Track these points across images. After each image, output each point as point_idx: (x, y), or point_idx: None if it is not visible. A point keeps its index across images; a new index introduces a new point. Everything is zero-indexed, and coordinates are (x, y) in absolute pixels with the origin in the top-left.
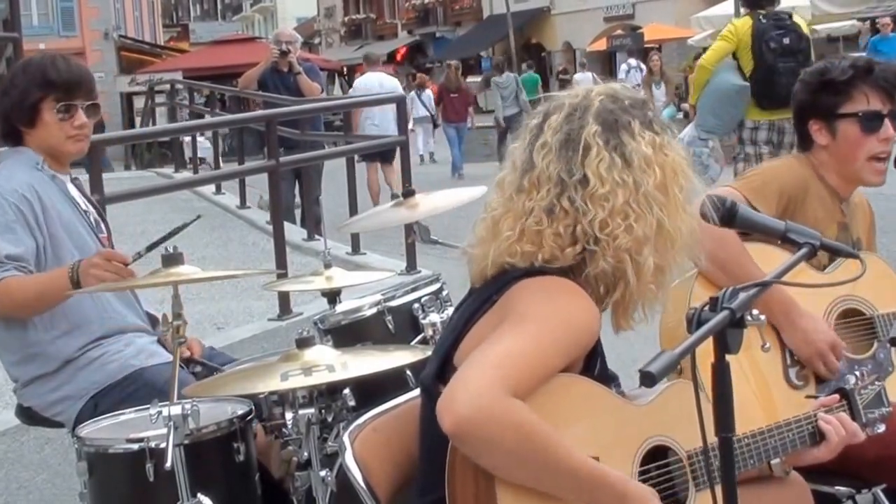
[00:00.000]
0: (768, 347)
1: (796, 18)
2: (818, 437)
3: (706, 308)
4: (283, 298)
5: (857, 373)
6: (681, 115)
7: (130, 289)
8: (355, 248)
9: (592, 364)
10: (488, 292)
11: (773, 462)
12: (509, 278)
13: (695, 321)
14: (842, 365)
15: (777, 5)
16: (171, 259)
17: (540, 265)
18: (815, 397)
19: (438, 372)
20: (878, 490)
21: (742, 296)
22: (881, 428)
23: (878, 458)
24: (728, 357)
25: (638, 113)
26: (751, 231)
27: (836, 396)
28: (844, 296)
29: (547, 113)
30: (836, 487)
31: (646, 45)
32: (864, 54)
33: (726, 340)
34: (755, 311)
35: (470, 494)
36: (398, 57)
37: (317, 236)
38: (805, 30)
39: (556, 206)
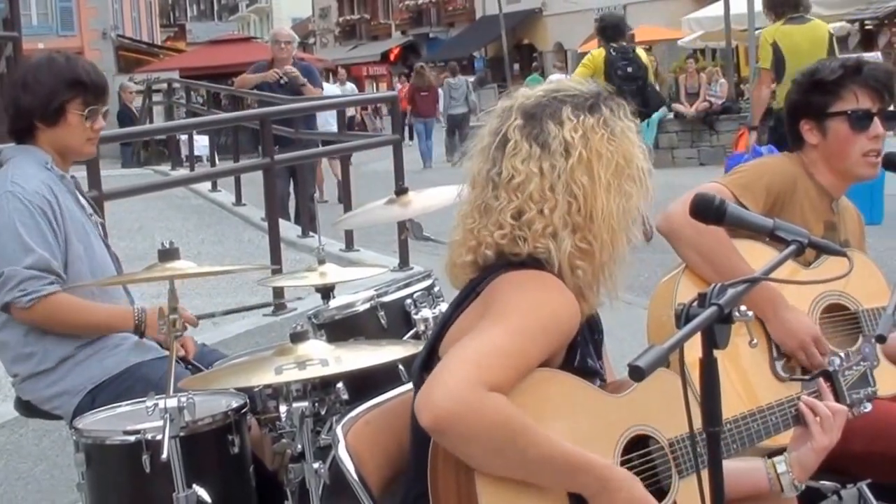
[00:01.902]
0: (756, 343)
1: (638, 51)
2: (803, 419)
3: (695, 304)
4: (278, 294)
5: (842, 354)
6: (672, 116)
7: (127, 283)
8: (349, 245)
9: (572, 357)
10: (473, 284)
11: (782, 475)
12: (492, 271)
13: (683, 317)
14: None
15: (625, 41)
16: (168, 254)
17: (519, 258)
18: (802, 379)
19: (425, 362)
20: (863, 485)
21: (730, 292)
22: (868, 407)
23: (864, 452)
24: (716, 353)
25: (575, 100)
26: (740, 228)
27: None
28: (830, 291)
29: (489, 118)
30: (822, 482)
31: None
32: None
33: (714, 336)
34: (743, 307)
35: (451, 487)
36: (392, 57)
37: (311, 233)
38: (644, 60)
39: (483, 204)
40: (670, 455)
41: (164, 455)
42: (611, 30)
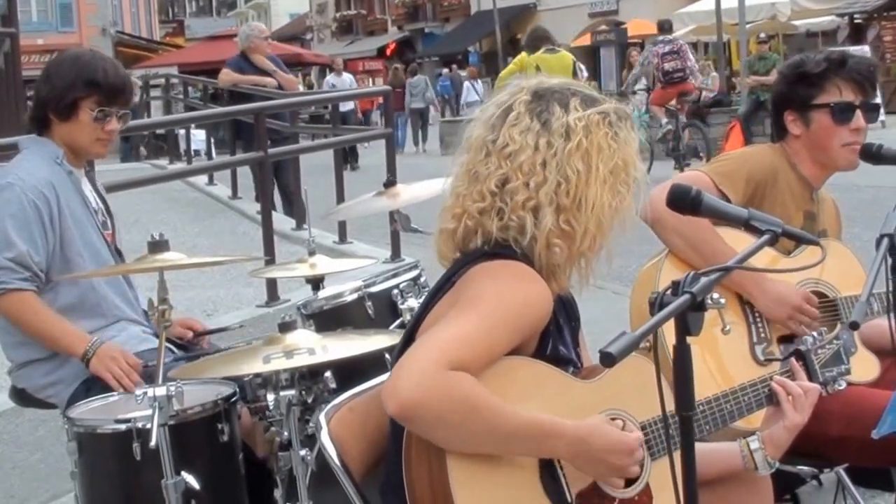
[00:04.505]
0: (728, 330)
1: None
2: (776, 399)
3: (668, 292)
4: (271, 286)
5: (815, 333)
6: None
7: (118, 274)
8: (342, 238)
9: (544, 345)
10: (449, 273)
11: (755, 451)
12: (468, 260)
13: (657, 304)
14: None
15: (550, 45)
16: (157, 246)
17: (492, 248)
18: (781, 360)
19: (402, 351)
20: (841, 469)
21: (703, 280)
22: (842, 385)
23: (841, 436)
24: (696, 338)
25: (586, 97)
26: (715, 218)
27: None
28: (810, 279)
29: (500, 91)
30: (799, 467)
31: (629, 41)
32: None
33: (687, 323)
34: (715, 295)
35: (424, 472)
36: (388, 52)
37: (305, 226)
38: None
39: (474, 170)
40: (642, 438)
41: (153, 443)
42: (537, 40)
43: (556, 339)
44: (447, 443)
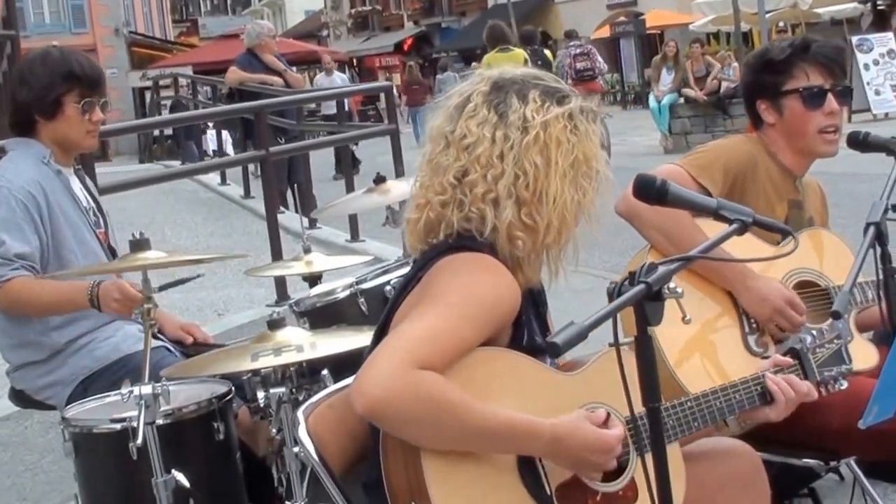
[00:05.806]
0: (689, 320)
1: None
2: (768, 397)
3: (626, 282)
4: (280, 285)
5: (815, 332)
6: (682, 101)
7: (103, 273)
8: (354, 236)
9: (519, 336)
10: (415, 268)
11: (728, 417)
12: (433, 254)
13: (615, 294)
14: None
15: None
16: (139, 245)
17: (456, 240)
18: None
19: (374, 348)
20: (851, 461)
21: (661, 269)
22: (843, 384)
23: (843, 428)
24: (687, 330)
25: (548, 89)
26: (683, 209)
27: (789, 360)
28: (799, 268)
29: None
30: (804, 460)
31: (648, 32)
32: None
33: (646, 313)
34: (672, 284)
35: (400, 466)
36: (405, 47)
37: (318, 224)
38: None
39: (435, 161)
40: (627, 432)
41: (140, 441)
42: (494, 40)
43: (531, 329)
44: (418, 440)
